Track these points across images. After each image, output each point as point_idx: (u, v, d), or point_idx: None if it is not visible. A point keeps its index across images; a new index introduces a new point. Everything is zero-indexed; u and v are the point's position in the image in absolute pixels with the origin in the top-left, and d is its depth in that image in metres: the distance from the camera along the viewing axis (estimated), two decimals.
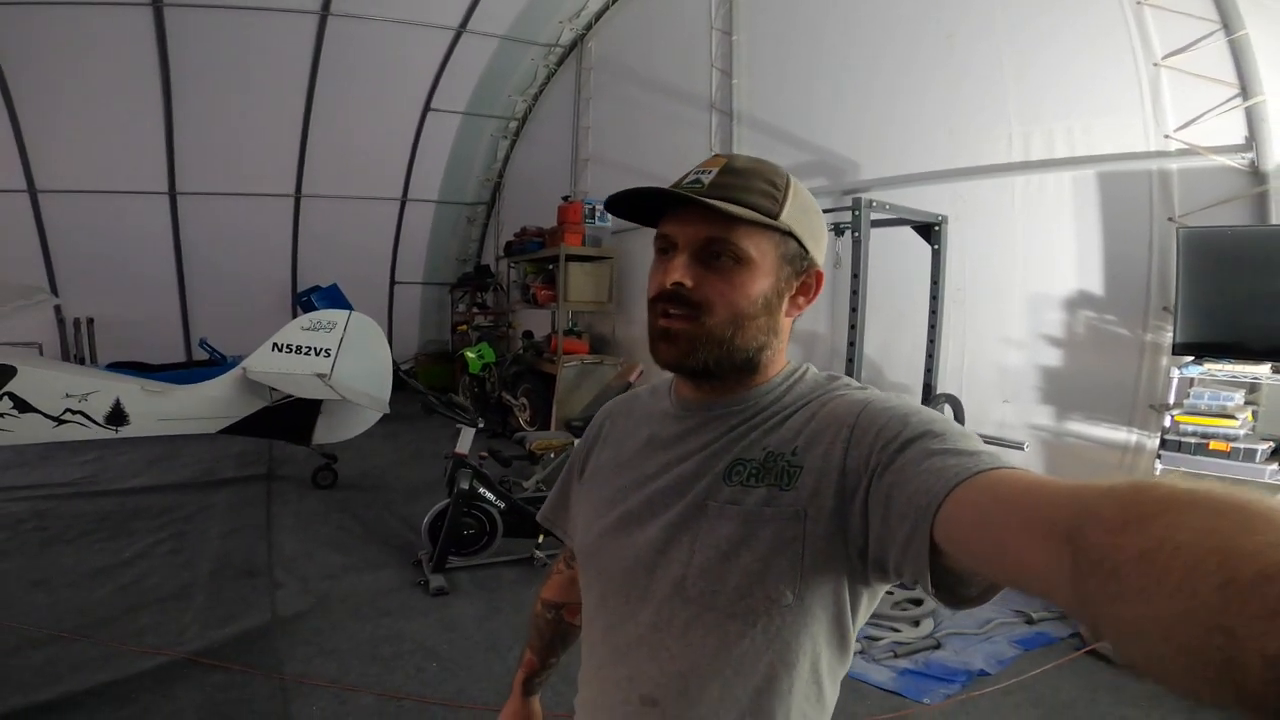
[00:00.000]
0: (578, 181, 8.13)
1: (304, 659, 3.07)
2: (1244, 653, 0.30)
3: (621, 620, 0.80)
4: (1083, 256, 3.62)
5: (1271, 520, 0.34)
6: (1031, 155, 3.77)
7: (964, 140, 4.11)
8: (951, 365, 3.84)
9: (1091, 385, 3.60)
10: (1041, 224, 3.77)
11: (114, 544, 4.26)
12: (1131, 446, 3.48)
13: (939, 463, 0.60)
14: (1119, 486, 0.41)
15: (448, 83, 8.66)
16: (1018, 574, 0.49)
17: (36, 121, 7.54)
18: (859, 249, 3.11)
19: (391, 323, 10.29)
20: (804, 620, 0.72)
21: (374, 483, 5.64)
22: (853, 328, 3.14)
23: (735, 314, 0.76)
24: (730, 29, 5.93)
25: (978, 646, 3.19)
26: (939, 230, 3.55)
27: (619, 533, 0.82)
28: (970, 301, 3.99)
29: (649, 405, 0.91)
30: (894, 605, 3.48)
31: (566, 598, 1.07)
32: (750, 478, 0.74)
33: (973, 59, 4.10)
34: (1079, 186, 3.63)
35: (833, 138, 5.03)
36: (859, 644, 3.21)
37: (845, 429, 0.71)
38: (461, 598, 3.67)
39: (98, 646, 3.07)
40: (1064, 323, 3.71)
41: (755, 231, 0.76)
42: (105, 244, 8.38)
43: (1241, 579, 0.32)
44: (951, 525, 0.55)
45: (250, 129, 8.35)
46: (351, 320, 5.12)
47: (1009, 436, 3.70)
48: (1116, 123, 3.46)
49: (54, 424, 4.32)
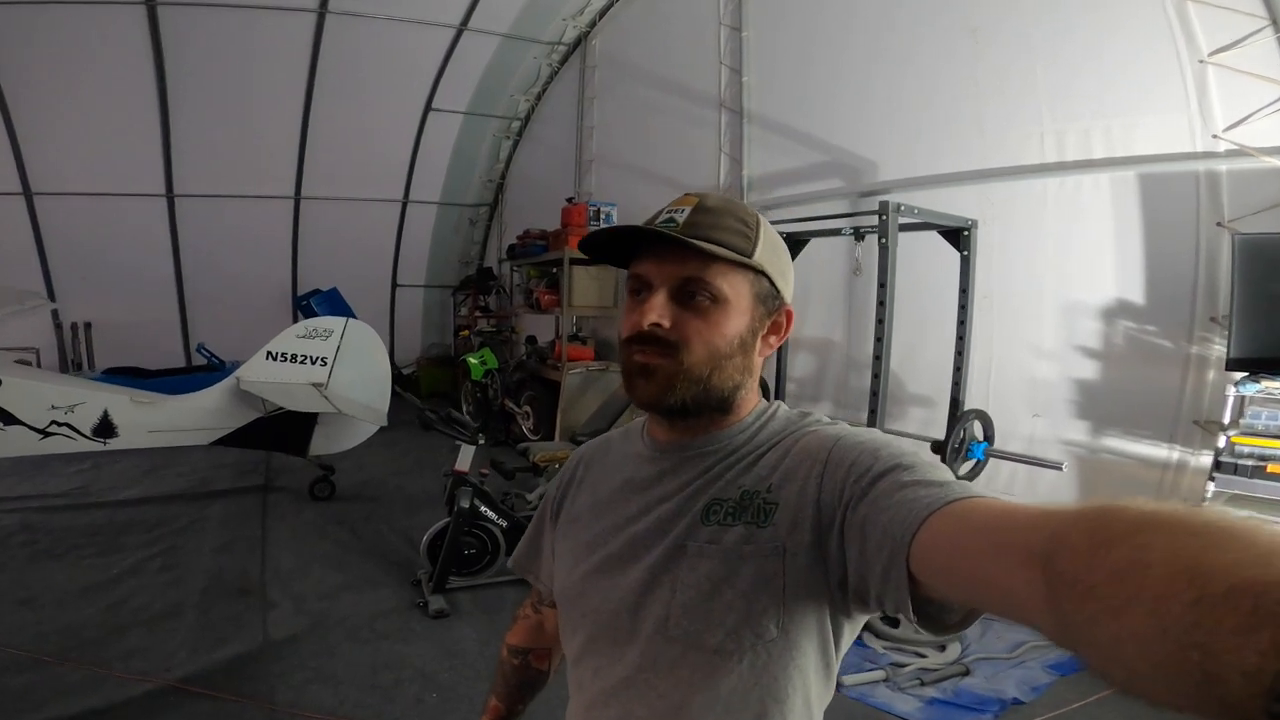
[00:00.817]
0: (582, 183, 8.00)
1: (298, 686, 2.93)
2: (1222, 667, 0.31)
3: (610, 662, 0.81)
4: (1122, 263, 3.43)
5: (1238, 537, 0.35)
6: (1066, 156, 3.58)
7: (991, 140, 3.92)
8: (977, 377, 3.65)
9: (1131, 399, 3.41)
10: (1077, 228, 3.57)
11: (104, 559, 4.12)
12: (1174, 464, 3.30)
13: (910, 494, 0.61)
14: (1089, 510, 0.42)
15: (449, 82, 8.53)
16: (995, 599, 0.50)
17: (31, 122, 7.42)
18: (886, 255, 2.92)
19: (393, 326, 10.20)
20: (790, 654, 0.73)
21: (373, 494, 5.49)
22: (879, 340, 2.96)
23: (712, 353, 0.77)
24: (740, 25, 5.77)
25: (1009, 672, 3.02)
26: (968, 235, 3.36)
27: (602, 575, 0.83)
28: (998, 310, 3.80)
29: (622, 448, 0.92)
30: (918, 629, 3.31)
31: (534, 642, 1.08)
32: (727, 516, 0.75)
33: (999, 55, 3.92)
34: (1118, 189, 3.43)
35: (849, 137, 4.85)
36: (883, 671, 3.09)
37: (818, 465, 0.72)
38: (463, 620, 3.52)
39: (82, 671, 2.95)
40: (1101, 333, 3.51)
41: (731, 271, 0.77)
42: (103, 247, 8.27)
43: (1213, 595, 0.32)
44: (926, 555, 0.56)
45: (248, 130, 8.22)
46: (349, 328, 4.96)
47: (1038, 453, 3.52)
48: (1159, 122, 3.28)
49: (39, 436, 4.16)
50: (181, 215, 8.63)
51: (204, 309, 9.02)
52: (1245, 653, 0.30)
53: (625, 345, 0.80)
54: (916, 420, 4.12)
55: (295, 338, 4.88)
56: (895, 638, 3.26)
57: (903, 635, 3.27)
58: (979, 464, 3.42)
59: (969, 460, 3.37)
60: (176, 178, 8.34)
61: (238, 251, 8.91)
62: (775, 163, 5.49)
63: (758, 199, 5.61)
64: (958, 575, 0.55)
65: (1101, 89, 3.50)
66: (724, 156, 5.92)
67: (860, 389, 4.75)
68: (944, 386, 3.90)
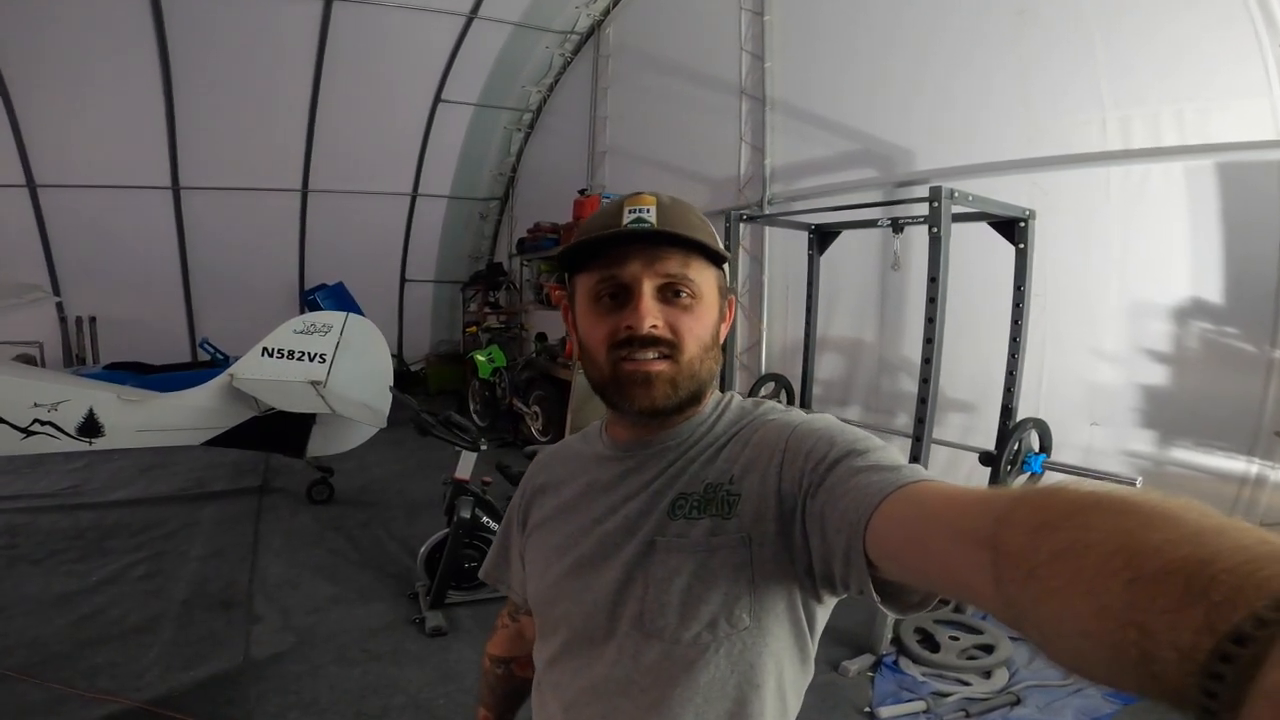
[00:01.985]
0: (595, 175, 7.74)
1: (277, 712, 2.69)
2: (1158, 646, 0.31)
3: (589, 662, 0.81)
4: (1197, 259, 3.09)
5: (1170, 517, 0.36)
6: (1132, 143, 3.24)
7: (1041, 126, 3.57)
8: (1028, 381, 3.32)
9: (1205, 407, 3.07)
10: (1144, 221, 3.23)
11: (84, 565, 3.92)
12: (1252, 479, 2.96)
13: (864, 479, 0.63)
14: (1032, 492, 0.44)
15: (459, 72, 8.31)
16: (945, 581, 0.52)
17: (34, 114, 7.28)
18: (937, 247, 2.59)
19: (402, 322, 10.05)
20: (764, 640, 0.75)
21: (373, 498, 5.25)
22: (929, 341, 2.63)
23: (702, 349, 0.79)
24: (761, 9, 5.48)
25: (1067, 701, 2.74)
26: (1025, 227, 3.03)
27: (574, 578, 0.83)
28: (1053, 309, 3.46)
29: (582, 450, 0.93)
30: (961, 653, 3.02)
31: (514, 652, 1.08)
32: (693, 510, 0.77)
33: (1051, 35, 3.58)
34: (1193, 179, 3.09)
35: (881, 124, 4.52)
36: (923, 702, 2.79)
37: (777, 453, 0.74)
38: (462, 639, 3.26)
39: (44, 689, 2.74)
40: (1171, 335, 3.17)
41: (704, 266, 0.80)
42: (107, 240, 8.16)
43: (1146, 575, 0.33)
44: (880, 539, 0.58)
45: (254, 121, 8.05)
46: (349, 323, 4.71)
47: (1097, 465, 3.19)
48: (1240, 107, 2.94)
49: (21, 435, 3.94)
50: (187, 208, 8.49)
51: (209, 303, 8.89)
52: (1180, 630, 0.31)
53: (609, 353, 0.79)
54: (955, 428, 3.79)
55: (293, 333, 4.65)
56: (936, 664, 2.97)
57: (943, 661, 2.98)
58: (1035, 477, 3.10)
59: (1025, 473, 3.04)
60: (182, 170, 8.19)
61: (244, 245, 8.77)
62: (800, 151, 5.18)
63: (782, 189, 5.31)
64: (910, 558, 0.56)
65: (1169, 71, 3.17)
66: (745, 145, 5.62)
67: (893, 392, 4.43)
68: (986, 392, 3.59)
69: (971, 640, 3.07)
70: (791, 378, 4.42)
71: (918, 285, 3.54)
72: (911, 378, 4.08)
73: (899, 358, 4.37)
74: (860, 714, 2.74)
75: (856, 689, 2.89)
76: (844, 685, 2.90)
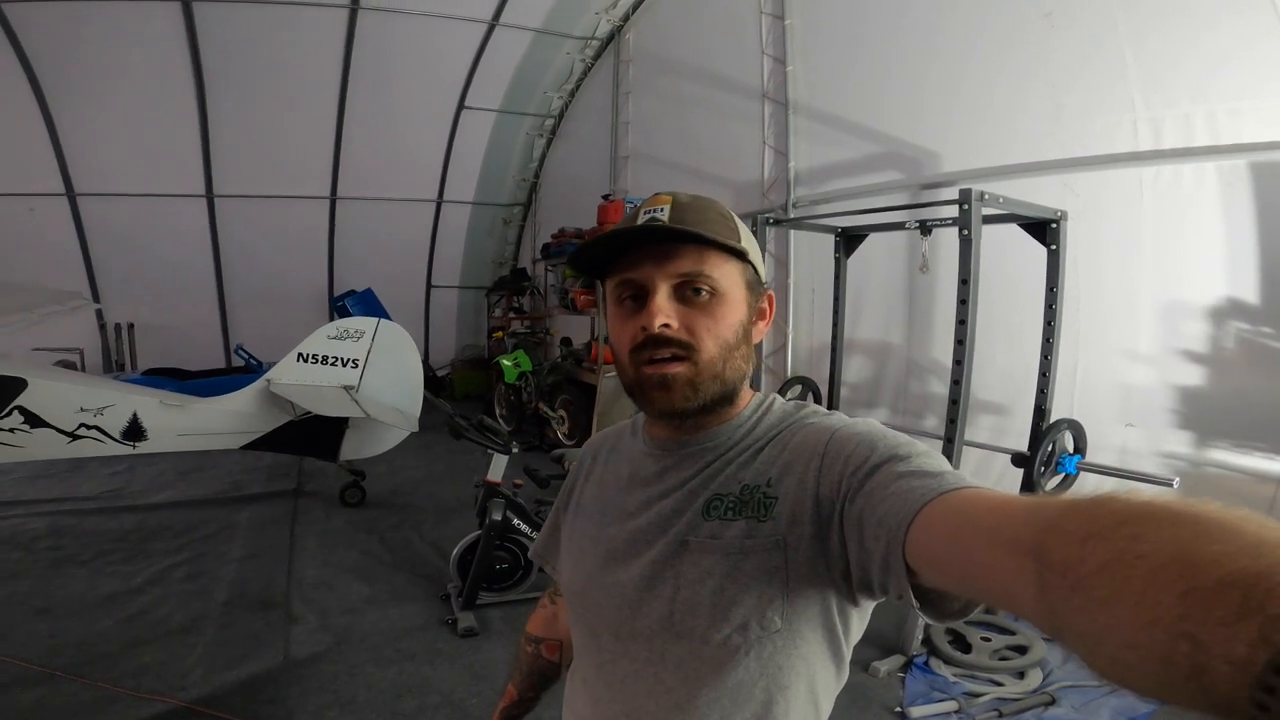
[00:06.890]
0: (618, 180, 7.79)
1: (316, 711, 2.76)
2: (1210, 658, 0.31)
3: (615, 657, 0.81)
4: (1232, 259, 3.05)
5: (1228, 528, 0.35)
6: (1163, 143, 3.20)
7: (1072, 128, 3.54)
8: (1061, 382, 3.29)
9: (1243, 408, 3.02)
10: (1177, 221, 3.19)
11: (129, 567, 4.03)
12: None
13: (905, 485, 0.62)
14: (1081, 501, 0.42)
15: (481, 79, 8.43)
16: (988, 589, 0.50)
17: (72, 124, 7.53)
18: (969, 248, 2.59)
19: (428, 328, 10.18)
20: (795, 644, 0.74)
21: (404, 501, 5.34)
22: (960, 342, 2.63)
23: (723, 347, 0.77)
24: (782, 13, 5.49)
25: (1103, 701, 2.70)
26: (1057, 228, 3.01)
27: (604, 571, 0.83)
28: (1085, 310, 3.43)
29: (629, 442, 0.92)
30: (993, 654, 3.00)
31: (546, 633, 1.09)
32: (729, 511, 0.76)
33: (1080, 37, 3.55)
34: (1226, 179, 3.05)
35: (906, 127, 4.51)
36: (955, 702, 2.77)
37: (816, 457, 0.73)
38: (493, 639, 3.31)
39: (92, 689, 2.82)
40: (1208, 335, 3.12)
41: (724, 261, 0.77)
42: (145, 248, 8.39)
43: (1203, 586, 0.32)
44: (921, 546, 0.57)
45: (284, 129, 8.25)
46: (380, 329, 4.80)
47: (1132, 465, 3.15)
48: (1272, 108, 2.90)
49: (68, 440, 4.08)
50: (221, 216, 8.71)
51: (243, 310, 9.09)
52: (1234, 643, 0.30)
53: (631, 356, 0.78)
54: (985, 429, 3.76)
55: (326, 339, 4.75)
56: (968, 664, 2.96)
57: (976, 661, 2.97)
58: (1069, 478, 3.06)
59: (1059, 474, 3.02)
60: (216, 178, 8.41)
61: (275, 252, 8.98)
62: (824, 155, 5.18)
63: (806, 193, 5.31)
64: (952, 565, 0.55)
65: (1201, 74, 3.12)
66: (768, 149, 5.63)
67: (922, 394, 4.40)
68: (1015, 393, 3.56)
69: (1004, 641, 3.05)
70: (818, 380, 4.41)
71: (945, 287, 3.53)
72: (940, 379, 4.05)
73: (927, 359, 4.34)
74: (891, 714, 2.74)
75: (887, 689, 2.88)
76: (874, 686, 2.90)
